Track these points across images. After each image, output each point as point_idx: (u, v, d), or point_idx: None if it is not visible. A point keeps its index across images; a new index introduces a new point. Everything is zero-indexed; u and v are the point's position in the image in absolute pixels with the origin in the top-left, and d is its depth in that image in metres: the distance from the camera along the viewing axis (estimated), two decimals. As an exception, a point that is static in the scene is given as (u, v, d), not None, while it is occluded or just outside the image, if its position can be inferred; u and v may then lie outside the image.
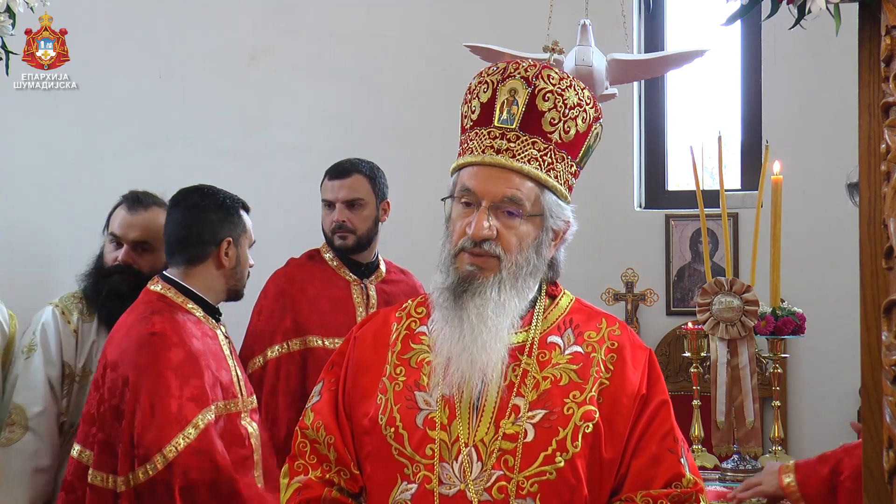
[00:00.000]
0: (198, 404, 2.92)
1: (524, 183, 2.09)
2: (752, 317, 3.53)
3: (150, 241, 3.39)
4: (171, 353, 2.94)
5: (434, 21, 5.80)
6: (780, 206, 3.58)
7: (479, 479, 2.04)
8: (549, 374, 2.10)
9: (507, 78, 2.13)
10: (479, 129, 2.15)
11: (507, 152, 2.10)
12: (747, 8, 2.12)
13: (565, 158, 2.13)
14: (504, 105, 2.12)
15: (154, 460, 2.85)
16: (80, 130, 5.95)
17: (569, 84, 2.13)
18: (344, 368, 2.23)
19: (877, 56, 2.04)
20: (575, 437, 2.05)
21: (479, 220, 2.07)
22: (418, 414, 2.09)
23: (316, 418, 2.20)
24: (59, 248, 5.93)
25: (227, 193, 3.24)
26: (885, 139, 2.01)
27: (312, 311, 3.63)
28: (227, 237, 3.14)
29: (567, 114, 2.11)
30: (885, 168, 2.01)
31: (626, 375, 2.12)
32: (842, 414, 5.29)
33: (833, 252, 5.05)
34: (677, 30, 5.95)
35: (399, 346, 2.19)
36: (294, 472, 2.19)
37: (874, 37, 2.04)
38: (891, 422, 1.98)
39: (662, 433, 2.10)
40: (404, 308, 2.26)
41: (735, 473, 3.52)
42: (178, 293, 3.10)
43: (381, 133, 5.82)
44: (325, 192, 3.76)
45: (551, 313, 2.18)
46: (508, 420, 2.06)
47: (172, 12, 5.95)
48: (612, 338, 2.16)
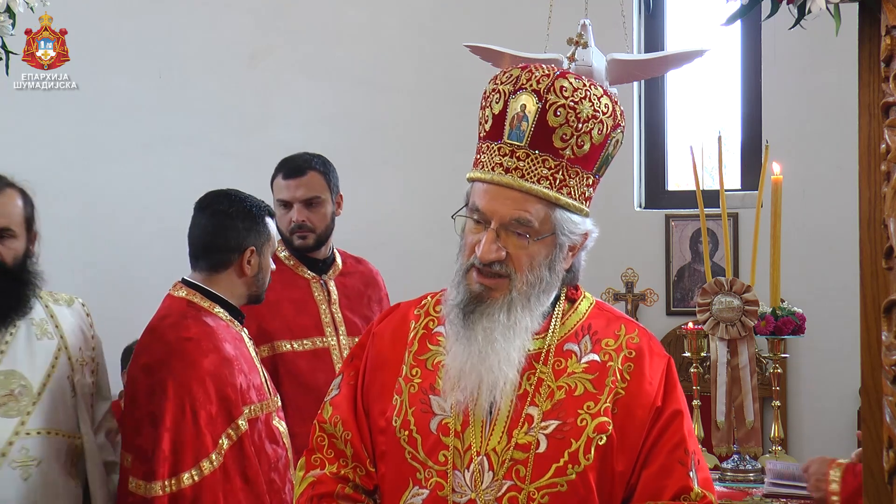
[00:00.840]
0: (235, 409, 2.93)
1: (533, 203, 2.03)
2: (752, 317, 3.53)
3: (9, 227, 2.89)
4: (206, 358, 2.94)
5: (434, 21, 5.80)
6: (780, 206, 3.58)
7: (490, 488, 2.02)
8: (564, 383, 2.06)
9: (519, 89, 2.04)
10: (490, 143, 2.08)
11: (517, 171, 2.03)
12: (747, 8, 2.11)
13: (580, 173, 2.06)
14: (514, 119, 2.04)
15: (199, 466, 2.85)
16: (80, 130, 5.96)
17: (584, 95, 2.03)
18: (363, 362, 2.21)
19: (877, 56, 2.04)
20: (588, 449, 2.01)
21: (487, 241, 2.03)
22: (432, 419, 2.07)
23: (334, 413, 2.18)
24: (58, 248, 5.94)
25: (254, 201, 3.19)
26: (885, 139, 2.01)
27: (276, 317, 3.55)
28: (251, 246, 3.11)
29: (580, 128, 2.02)
30: (885, 168, 2.01)
31: (642, 386, 2.08)
32: (842, 414, 5.29)
33: (833, 252, 5.05)
34: (677, 30, 5.95)
35: (416, 345, 2.16)
36: (311, 466, 2.18)
37: (874, 37, 2.04)
38: (891, 422, 1.98)
39: (673, 444, 2.06)
40: (423, 305, 2.23)
41: (735, 473, 3.52)
42: (205, 298, 3.09)
43: (381, 133, 5.82)
44: (280, 191, 3.64)
45: (569, 318, 2.14)
46: (521, 430, 2.03)
47: (172, 12, 5.96)
48: (630, 345, 2.11)
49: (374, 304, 3.78)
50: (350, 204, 4.61)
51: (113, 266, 5.88)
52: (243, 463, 2.93)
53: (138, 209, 5.86)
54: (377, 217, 5.75)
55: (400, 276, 5.81)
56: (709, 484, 2.10)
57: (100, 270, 5.88)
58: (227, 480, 2.89)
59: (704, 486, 2.08)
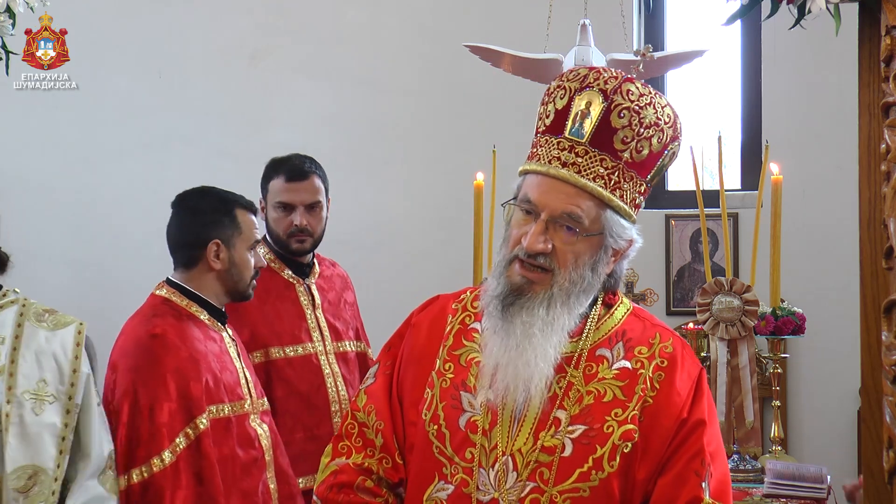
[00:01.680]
0: (195, 409, 2.91)
1: (586, 200, 2.02)
2: (752, 317, 3.53)
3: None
4: (169, 355, 2.93)
5: (434, 21, 5.80)
6: (780, 206, 3.58)
7: (513, 489, 2.02)
8: (594, 388, 2.05)
9: (585, 87, 2.04)
10: (550, 137, 2.07)
11: (573, 167, 2.03)
12: (747, 8, 2.12)
13: (634, 178, 2.06)
14: (578, 116, 2.04)
15: (150, 463, 2.84)
16: (80, 130, 5.96)
17: (649, 101, 2.05)
18: (400, 352, 2.21)
19: (877, 56, 2.04)
20: (613, 456, 2.01)
21: (535, 232, 2.01)
22: (462, 415, 2.07)
23: (368, 401, 2.18)
24: (58, 248, 5.94)
25: (224, 194, 3.17)
26: (885, 139, 2.01)
27: (265, 323, 3.52)
28: (215, 239, 3.08)
29: (642, 133, 2.03)
30: (885, 168, 2.01)
31: (671, 396, 2.06)
32: (842, 414, 5.29)
33: (833, 252, 5.05)
34: (677, 30, 5.94)
35: (451, 340, 2.16)
36: (337, 453, 2.18)
37: (874, 37, 2.04)
38: (891, 422, 1.98)
39: (692, 454, 2.04)
40: (461, 300, 2.22)
41: (735, 473, 3.51)
42: (183, 297, 3.09)
43: (380, 133, 5.82)
44: (280, 193, 3.58)
45: (604, 323, 2.13)
46: (548, 433, 2.03)
47: (172, 12, 5.95)
48: (662, 354, 2.10)
49: (348, 307, 3.76)
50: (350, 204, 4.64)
51: (112, 266, 5.88)
52: (199, 463, 2.90)
53: (138, 209, 5.85)
54: (377, 217, 5.75)
55: (400, 276, 5.83)
56: (722, 489, 2.07)
57: (99, 270, 5.88)
58: (176, 479, 2.85)
59: (717, 494, 2.04)
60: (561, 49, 4.15)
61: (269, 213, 3.61)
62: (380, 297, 4.87)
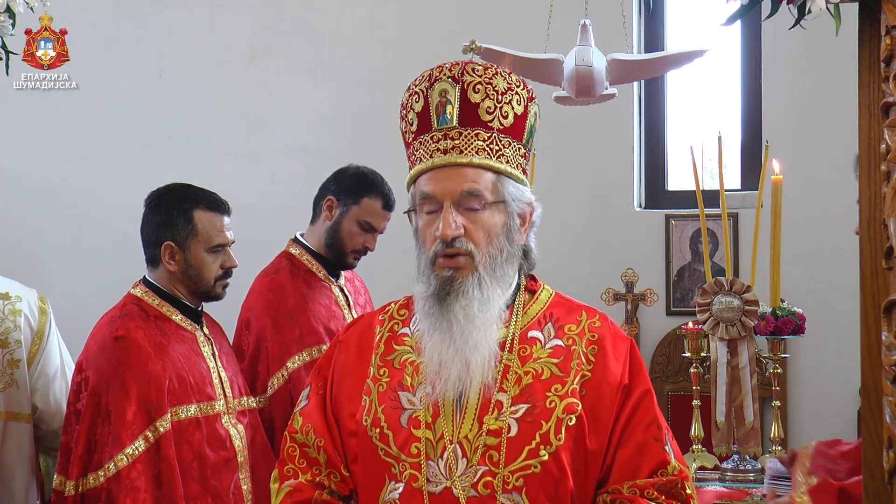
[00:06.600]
0: (155, 411, 2.90)
1: (479, 174, 2.11)
2: (752, 317, 3.53)
3: None
4: (131, 358, 2.91)
5: (434, 21, 5.80)
6: (780, 206, 3.58)
7: (465, 475, 2.05)
8: (531, 368, 2.11)
9: (434, 82, 2.15)
10: (422, 137, 2.17)
11: (455, 150, 2.12)
12: (747, 8, 2.11)
13: (512, 143, 2.15)
14: (438, 107, 2.14)
15: (106, 468, 2.84)
16: (80, 130, 5.96)
17: (494, 72, 2.15)
18: (331, 371, 2.25)
19: (877, 56, 2.04)
20: (558, 430, 2.05)
21: (444, 219, 2.09)
22: (402, 413, 2.11)
23: (305, 422, 2.21)
24: (58, 248, 5.94)
25: (188, 193, 3.11)
26: (885, 139, 2.01)
27: (316, 320, 3.58)
28: (167, 241, 3.06)
29: (500, 99, 2.13)
30: (885, 168, 2.01)
31: (607, 366, 2.13)
32: (842, 414, 5.30)
33: (833, 252, 5.05)
34: (677, 30, 5.95)
35: (382, 347, 2.21)
36: (284, 477, 2.20)
37: (874, 37, 2.04)
38: (891, 422, 1.98)
39: (647, 422, 2.11)
40: (387, 311, 2.29)
41: (735, 473, 3.52)
42: (155, 296, 3.07)
43: (381, 133, 5.79)
44: (372, 216, 3.66)
45: (531, 308, 2.19)
46: (492, 416, 2.07)
47: (172, 12, 5.96)
48: (592, 329, 2.17)
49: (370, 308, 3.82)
50: (350, 204, 4.56)
51: (112, 266, 5.88)
52: (158, 466, 2.89)
53: (138, 209, 5.85)
54: (377, 217, 5.74)
55: (400, 276, 5.80)
56: (682, 458, 2.16)
57: (99, 270, 5.88)
58: (134, 482, 2.84)
59: (679, 459, 2.13)
60: (561, 49, 4.15)
61: (345, 222, 3.65)
62: (380, 297, 4.87)
